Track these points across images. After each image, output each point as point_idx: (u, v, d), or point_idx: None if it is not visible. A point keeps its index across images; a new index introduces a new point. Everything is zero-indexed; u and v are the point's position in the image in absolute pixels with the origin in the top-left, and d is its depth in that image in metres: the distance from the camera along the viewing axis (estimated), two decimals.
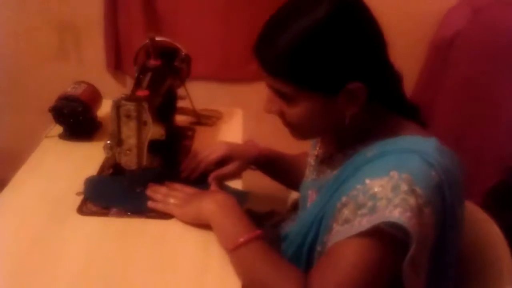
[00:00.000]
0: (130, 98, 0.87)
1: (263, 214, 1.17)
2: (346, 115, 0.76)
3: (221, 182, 1.01)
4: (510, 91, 1.46)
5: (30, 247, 0.81)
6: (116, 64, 1.91)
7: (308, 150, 1.01)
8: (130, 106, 0.86)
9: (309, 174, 0.96)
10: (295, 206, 1.11)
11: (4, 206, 0.90)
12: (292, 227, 0.91)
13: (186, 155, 1.08)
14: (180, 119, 1.25)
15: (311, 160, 0.96)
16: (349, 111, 0.76)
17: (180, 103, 1.23)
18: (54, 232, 0.84)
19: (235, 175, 1.03)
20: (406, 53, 1.93)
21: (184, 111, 1.26)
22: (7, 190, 0.94)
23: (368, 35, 0.74)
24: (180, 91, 1.19)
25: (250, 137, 1.16)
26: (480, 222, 0.99)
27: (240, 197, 0.95)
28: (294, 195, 1.25)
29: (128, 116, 0.87)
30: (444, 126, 1.81)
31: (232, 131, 1.23)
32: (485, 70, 1.62)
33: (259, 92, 0.88)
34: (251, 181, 1.10)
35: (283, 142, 1.06)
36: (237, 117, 1.31)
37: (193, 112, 1.26)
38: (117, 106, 0.86)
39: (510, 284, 0.86)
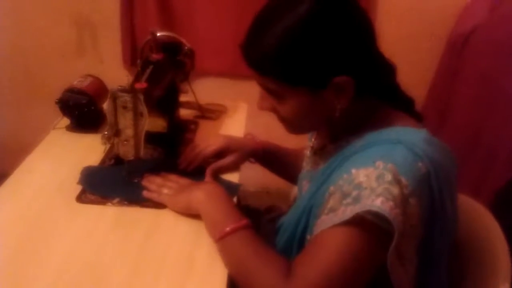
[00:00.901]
0: (127, 89, 0.89)
1: (263, 209, 1.18)
2: (337, 108, 0.76)
3: (216, 174, 1.02)
4: None
5: (29, 230, 0.85)
6: (132, 60, 1.95)
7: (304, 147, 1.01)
8: (126, 98, 0.88)
9: (305, 166, 0.97)
10: (295, 201, 1.12)
11: (8, 193, 0.94)
12: (286, 217, 0.92)
13: (186, 147, 1.10)
14: (184, 112, 1.27)
15: (307, 152, 0.96)
16: (339, 105, 0.75)
17: (185, 96, 1.25)
18: (52, 218, 0.88)
19: (233, 167, 1.05)
20: (424, 49, 1.93)
21: (188, 105, 1.28)
22: (12, 178, 0.98)
23: (353, 29, 0.73)
24: (183, 86, 1.21)
25: (255, 131, 1.17)
26: (479, 216, 0.98)
27: (231, 188, 0.96)
28: (296, 190, 1.25)
29: (124, 107, 0.89)
30: (460, 121, 1.78)
31: (235, 125, 1.25)
32: (501, 66, 1.58)
33: None
34: (252, 177, 1.11)
35: (288, 137, 1.07)
36: (241, 111, 1.32)
37: (197, 106, 1.28)
38: (114, 97, 0.89)
39: (506, 281, 0.85)
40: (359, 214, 0.68)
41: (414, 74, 1.94)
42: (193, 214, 0.87)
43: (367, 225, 0.68)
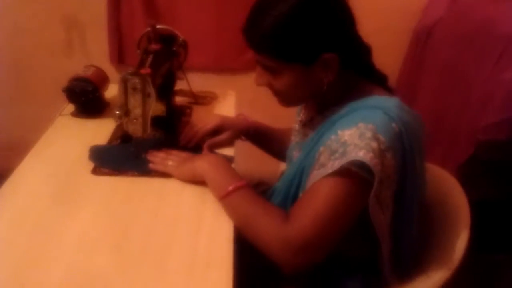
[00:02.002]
0: (136, 73, 1.01)
1: (252, 185, 1.30)
2: (324, 82, 0.90)
3: (212, 150, 1.14)
4: (480, 73, 1.59)
5: (52, 200, 0.95)
6: (119, 58, 2.05)
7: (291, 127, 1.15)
8: (136, 80, 1.00)
9: (294, 139, 1.10)
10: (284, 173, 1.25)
11: (26, 172, 1.04)
12: (277, 184, 1.04)
13: (184, 128, 1.21)
14: (179, 99, 1.39)
15: (296, 125, 1.10)
16: (326, 78, 0.89)
17: (179, 85, 1.36)
18: (72, 189, 0.99)
19: (227, 143, 1.17)
20: (393, 41, 2.10)
21: (182, 93, 1.40)
22: (27, 160, 1.08)
23: (337, 14, 0.87)
24: (179, 74, 1.33)
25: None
26: (444, 180, 1.14)
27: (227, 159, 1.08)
28: (283, 166, 1.38)
29: (134, 89, 1.00)
30: (426, 106, 1.95)
31: (225, 110, 1.37)
32: (460, 55, 1.75)
33: (250, 81, 1.01)
34: (242, 154, 1.23)
35: (272, 119, 1.22)
36: (230, 97, 1.45)
37: (190, 93, 1.40)
38: (124, 80, 1.00)
39: (466, 228, 1.00)
40: (344, 166, 0.81)
41: (383, 65, 2.11)
42: (196, 181, 0.99)
43: (352, 174, 0.81)
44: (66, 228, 0.87)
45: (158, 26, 1.22)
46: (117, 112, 1.02)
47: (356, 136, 0.82)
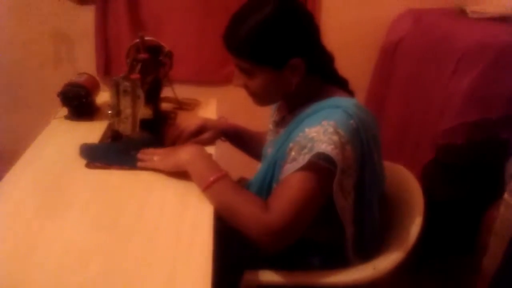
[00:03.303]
0: (127, 78, 1.13)
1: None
2: (292, 84, 1.03)
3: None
4: (439, 83, 1.76)
5: (49, 191, 1.05)
6: (105, 69, 2.16)
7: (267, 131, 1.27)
8: (127, 83, 1.12)
9: (269, 137, 1.23)
10: None
11: (23, 167, 1.14)
12: (253, 178, 1.17)
13: (169, 130, 1.33)
14: (165, 105, 1.51)
15: (270, 126, 1.23)
16: (294, 80, 1.03)
17: (165, 93, 1.49)
18: (67, 181, 1.09)
19: (209, 143, 1.29)
20: (362, 56, 2.26)
21: (168, 99, 1.52)
22: (24, 156, 1.18)
23: (304, 25, 1.02)
24: (164, 82, 1.45)
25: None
26: (404, 176, 1.28)
27: None
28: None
29: (125, 91, 1.12)
30: (393, 115, 2.10)
31: (207, 114, 1.49)
32: (422, 67, 1.92)
33: (230, 92, 1.13)
34: (225, 153, 1.35)
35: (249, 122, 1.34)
36: (212, 105, 1.58)
37: (175, 100, 1.52)
38: (117, 84, 1.12)
39: (419, 215, 1.14)
40: (311, 159, 0.94)
41: (353, 78, 2.27)
42: (181, 172, 1.09)
43: (318, 166, 0.94)
44: (63, 212, 0.98)
45: (146, 38, 1.35)
46: (110, 112, 1.14)
47: (321, 132, 0.95)
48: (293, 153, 0.99)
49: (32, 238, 0.90)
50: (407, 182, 1.27)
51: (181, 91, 1.56)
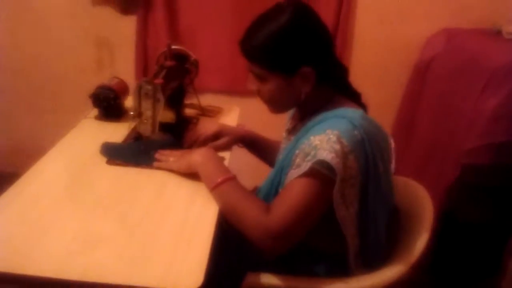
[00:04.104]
0: (149, 82, 1.20)
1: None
2: (302, 91, 1.07)
3: None
4: (467, 102, 1.73)
5: (73, 181, 1.14)
6: (143, 76, 2.27)
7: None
8: (148, 87, 1.19)
9: (282, 145, 1.26)
10: None
11: (52, 159, 1.24)
12: (263, 183, 1.20)
13: (188, 133, 1.39)
14: (189, 111, 1.58)
15: (284, 134, 1.27)
16: (304, 89, 1.06)
17: (190, 100, 1.56)
18: (89, 174, 1.18)
19: (225, 148, 1.34)
20: (395, 74, 2.26)
21: (191, 106, 1.60)
22: (53, 150, 1.27)
23: (316, 36, 1.05)
24: (189, 88, 1.53)
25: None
26: (417, 190, 1.28)
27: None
28: None
29: (146, 94, 1.20)
30: (422, 135, 2.09)
31: (229, 121, 1.54)
32: (451, 87, 1.90)
33: (254, 103, 1.19)
34: (240, 161, 1.40)
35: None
36: (234, 112, 1.64)
37: (198, 106, 1.59)
38: (139, 87, 1.20)
39: (427, 231, 1.14)
40: (312, 166, 0.97)
41: (385, 96, 2.28)
42: (192, 174, 1.15)
43: (319, 173, 0.97)
44: (79, 202, 1.06)
45: (173, 46, 1.42)
46: (132, 113, 1.21)
47: (324, 140, 0.98)
48: (298, 159, 1.02)
49: (47, 223, 0.98)
50: (419, 198, 1.26)
51: (207, 99, 1.63)
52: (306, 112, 1.14)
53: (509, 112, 1.60)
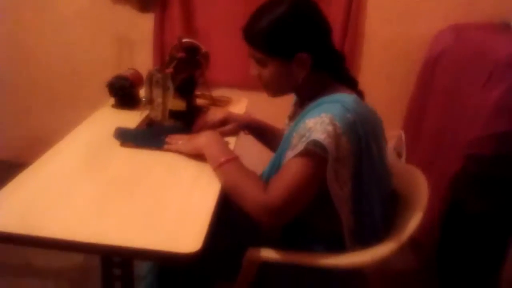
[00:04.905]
0: (159, 71, 1.29)
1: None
2: (299, 76, 1.14)
3: None
4: (472, 94, 1.77)
5: (89, 159, 1.24)
6: None
7: None
8: (159, 76, 1.28)
9: (285, 132, 1.33)
10: None
11: (70, 141, 1.34)
12: (266, 167, 1.28)
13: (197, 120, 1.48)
14: (200, 101, 1.67)
15: (286, 120, 1.34)
16: (300, 74, 1.14)
17: (201, 91, 1.65)
18: (104, 155, 1.27)
19: (231, 134, 1.42)
20: (404, 70, 2.30)
21: (202, 96, 1.68)
22: (72, 133, 1.38)
23: (313, 24, 1.13)
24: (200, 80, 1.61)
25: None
26: (414, 175, 1.33)
27: None
28: None
29: (157, 82, 1.29)
30: (430, 128, 2.13)
31: (237, 110, 1.63)
32: (458, 79, 1.94)
33: (263, 97, 1.28)
34: (246, 150, 1.47)
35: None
36: (242, 103, 1.73)
37: (209, 96, 1.67)
38: (150, 75, 1.29)
39: (421, 210, 1.19)
40: (306, 146, 1.04)
41: (396, 91, 2.33)
42: (199, 156, 1.23)
43: (312, 153, 1.04)
44: (93, 177, 1.16)
45: (183, 40, 1.51)
46: (143, 99, 1.30)
47: (318, 123, 1.05)
48: (294, 141, 1.09)
49: (63, 193, 1.07)
50: (418, 183, 1.31)
51: (218, 93, 1.71)
52: (304, 98, 1.21)
53: (511, 103, 1.63)
